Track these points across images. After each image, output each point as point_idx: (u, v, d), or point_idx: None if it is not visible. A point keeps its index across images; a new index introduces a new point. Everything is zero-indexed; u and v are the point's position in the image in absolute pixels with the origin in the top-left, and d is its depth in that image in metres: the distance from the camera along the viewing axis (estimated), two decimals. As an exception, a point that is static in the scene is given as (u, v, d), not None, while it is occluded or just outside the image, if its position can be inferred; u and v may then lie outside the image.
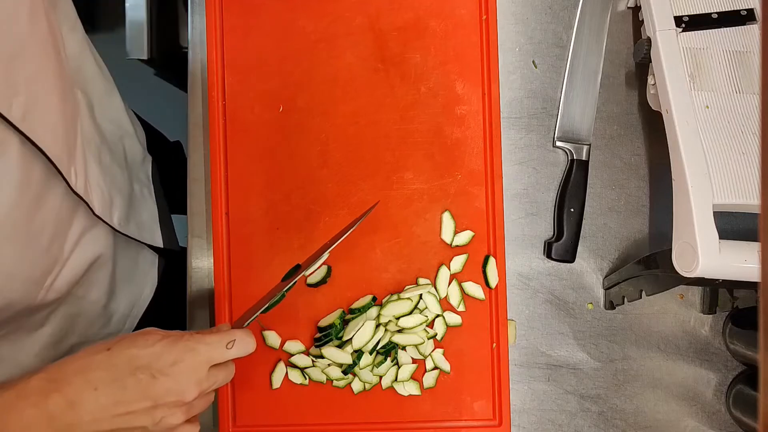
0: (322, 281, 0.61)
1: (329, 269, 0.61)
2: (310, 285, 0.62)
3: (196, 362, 0.44)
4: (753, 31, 0.56)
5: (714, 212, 0.50)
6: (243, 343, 0.48)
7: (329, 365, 0.60)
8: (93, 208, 0.53)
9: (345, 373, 0.59)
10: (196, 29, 0.66)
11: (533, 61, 0.66)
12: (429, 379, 0.61)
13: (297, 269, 0.59)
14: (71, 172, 0.48)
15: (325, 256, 0.57)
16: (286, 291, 0.58)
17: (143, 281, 0.70)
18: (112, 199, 0.59)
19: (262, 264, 0.62)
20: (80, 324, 0.58)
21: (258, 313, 0.53)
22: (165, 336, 0.45)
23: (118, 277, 0.63)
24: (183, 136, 0.68)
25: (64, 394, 0.39)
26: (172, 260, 0.75)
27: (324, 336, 0.60)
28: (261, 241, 0.62)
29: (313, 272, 0.61)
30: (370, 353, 0.59)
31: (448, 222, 0.61)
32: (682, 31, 0.56)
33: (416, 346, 0.60)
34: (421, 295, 0.60)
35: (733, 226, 0.54)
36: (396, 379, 0.60)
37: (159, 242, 0.70)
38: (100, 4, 1.63)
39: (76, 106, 0.52)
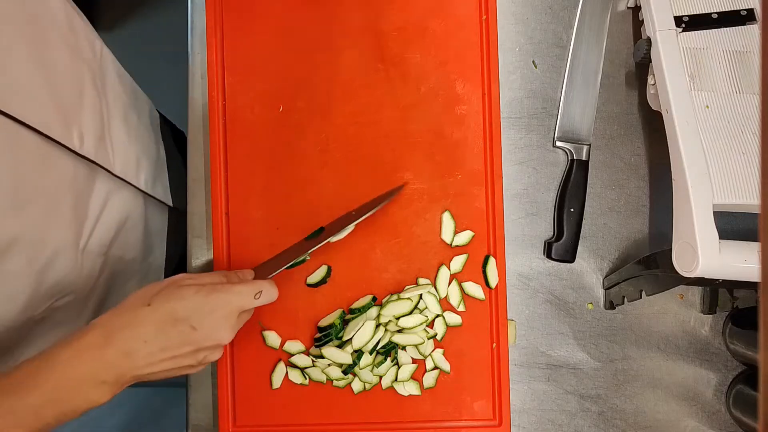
0: (322, 281, 0.61)
1: (329, 269, 0.61)
2: (310, 285, 0.62)
3: (229, 311, 0.49)
4: (753, 31, 0.56)
5: (714, 212, 0.50)
6: (268, 294, 0.52)
7: (329, 365, 0.60)
8: (112, 169, 0.56)
9: (345, 373, 0.59)
10: (196, 29, 0.66)
11: (533, 61, 0.66)
12: (429, 379, 0.61)
13: (321, 232, 0.60)
14: (73, 136, 0.50)
15: (351, 227, 0.59)
16: (310, 252, 0.58)
17: (174, 235, 0.75)
18: (139, 160, 0.61)
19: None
20: (121, 279, 0.63)
21: (282, 269, 0.55)
22: (199, 288, 0.48)
23: (152, 234, 0.67)
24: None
25: (118, 348, 0.45)
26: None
27: (324, 336, 0.60)
28: (261, 241, 0.62)
29: (313, 272, 0.62)
30: (370, 353, 0.59)
31: (448, 222, 0.61)
32: (682, 31, 0.56)
33: (416, 346, 0.60)
34: (421, 295, 0.60)
35: (733, 226, 0.54)
36: (396, 379, 0.60)
37: (170, 202, 0.73)
38: (101, 4, 1.63)
39: (80, 67, 0.54)
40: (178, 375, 0.50)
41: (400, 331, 0.60)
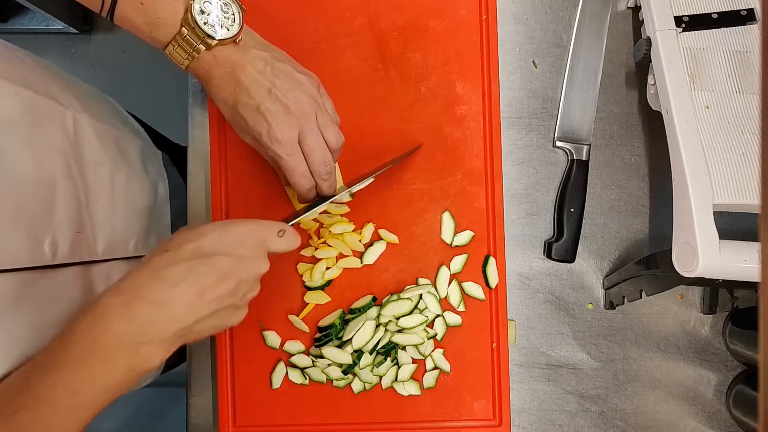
0: (320, 289, 0.61)
1: (329, 281, 0.61)
2: (310, 288, 0.61)
3: (256, 240, 0.44)
4: (753, 31, 0.56)
5: (714, 212, 0.50)
6: (291, 236, 0.47)
7: (329, 365, 0.60)
8: (95, 256, 0.52)
9: (345, 373, 0.59)
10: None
11: (533, 61, 0.66)
12: (429, 379, 0.61)
13: (322, 201, 0.57)
14: (44, 249, 0.45)
15: (370, 179, 0.57)
16: (330, 201, 0.55)
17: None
18: (128, 226, 0.58)
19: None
20: None
21: (302, 216, 0.51)
22: (217, 223, 0.44)
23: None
24: (183, 136, 0.68)
25: (146, 299, 0.40)
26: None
27: (324, 336, 0.60)
28: (261, 241, 0.62)
29: (315, 277, 0.61)
30: (370, 353, 0.59)
31: (448, 222, 0.61)
32: (682, 31, 0.56)
33: (416, 346, 0.60)
34: (421, 295, 0.60)
35: (733, 226, 0.54)
36: (396, 379, 0.60)
37: None
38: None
39: (49, 163, 0.47)
40: (224, 327, 0.45)
41: (400, 331, 0.60)
